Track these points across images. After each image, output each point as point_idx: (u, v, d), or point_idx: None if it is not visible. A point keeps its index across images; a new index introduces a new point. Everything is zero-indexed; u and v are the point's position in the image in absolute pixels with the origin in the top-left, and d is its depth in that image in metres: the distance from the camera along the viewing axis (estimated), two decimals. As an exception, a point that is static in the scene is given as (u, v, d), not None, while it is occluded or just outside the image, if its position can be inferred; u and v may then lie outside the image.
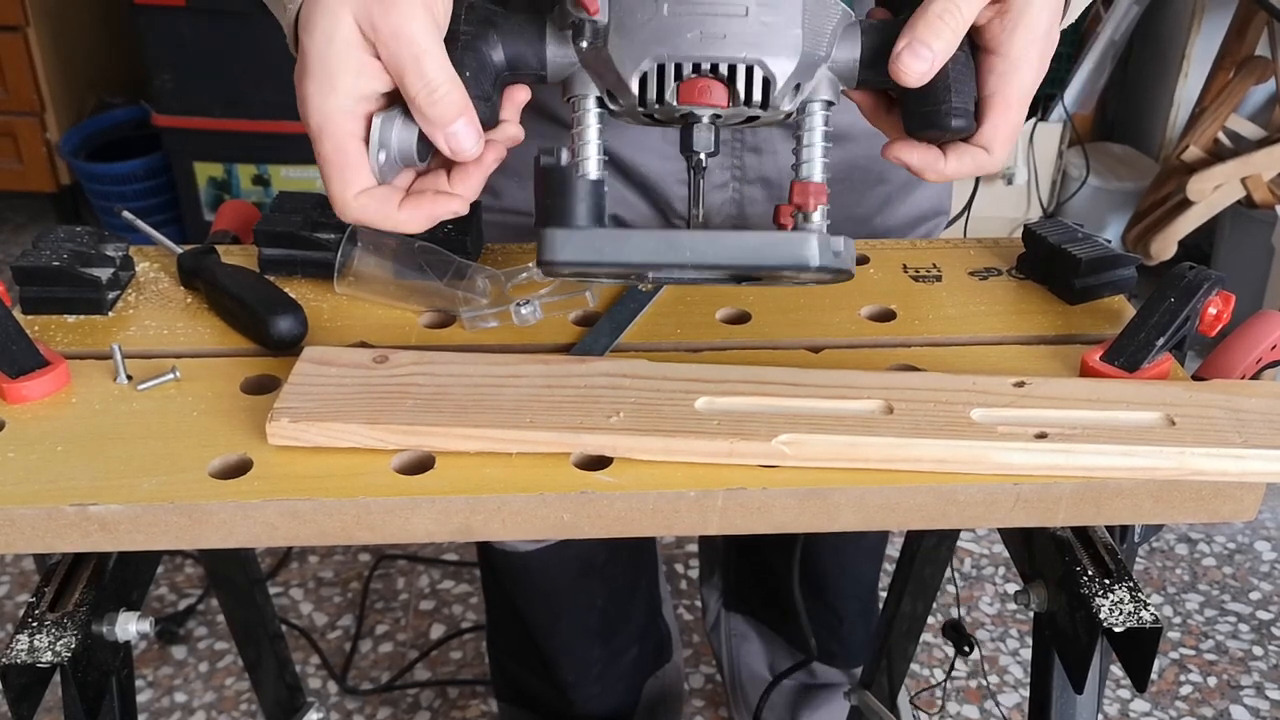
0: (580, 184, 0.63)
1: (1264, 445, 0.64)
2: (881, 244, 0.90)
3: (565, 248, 0.61)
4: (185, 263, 0.82)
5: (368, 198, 0.62)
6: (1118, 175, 2.60)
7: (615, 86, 0.63)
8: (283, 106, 2.37)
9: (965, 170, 0.67)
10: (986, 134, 0.66)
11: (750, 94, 0.62)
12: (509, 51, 0.64)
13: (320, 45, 0.60)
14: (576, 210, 0.62)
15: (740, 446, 0.64)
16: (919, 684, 1.64)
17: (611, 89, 0.64)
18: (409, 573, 1.83)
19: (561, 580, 1.25)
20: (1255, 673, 1.67)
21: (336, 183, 0.62)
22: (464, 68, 0.62)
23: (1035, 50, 0.65)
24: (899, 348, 0.77)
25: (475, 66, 0.63)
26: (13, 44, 2.53)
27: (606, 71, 0.63)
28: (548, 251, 0.61)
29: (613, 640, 1.35)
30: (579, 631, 1.31)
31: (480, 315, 0.77)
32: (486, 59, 0.64)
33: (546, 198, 0.63)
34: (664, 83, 0.62)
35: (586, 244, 0.61)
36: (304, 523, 0.62)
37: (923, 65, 0.63)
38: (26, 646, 0.62)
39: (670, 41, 0.61)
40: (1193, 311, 0.72)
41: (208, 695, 1.62)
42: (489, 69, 0.64)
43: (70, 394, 0.70)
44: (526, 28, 0.65)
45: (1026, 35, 0.65)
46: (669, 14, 0.61)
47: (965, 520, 0.65)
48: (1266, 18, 2.18)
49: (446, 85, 0.60)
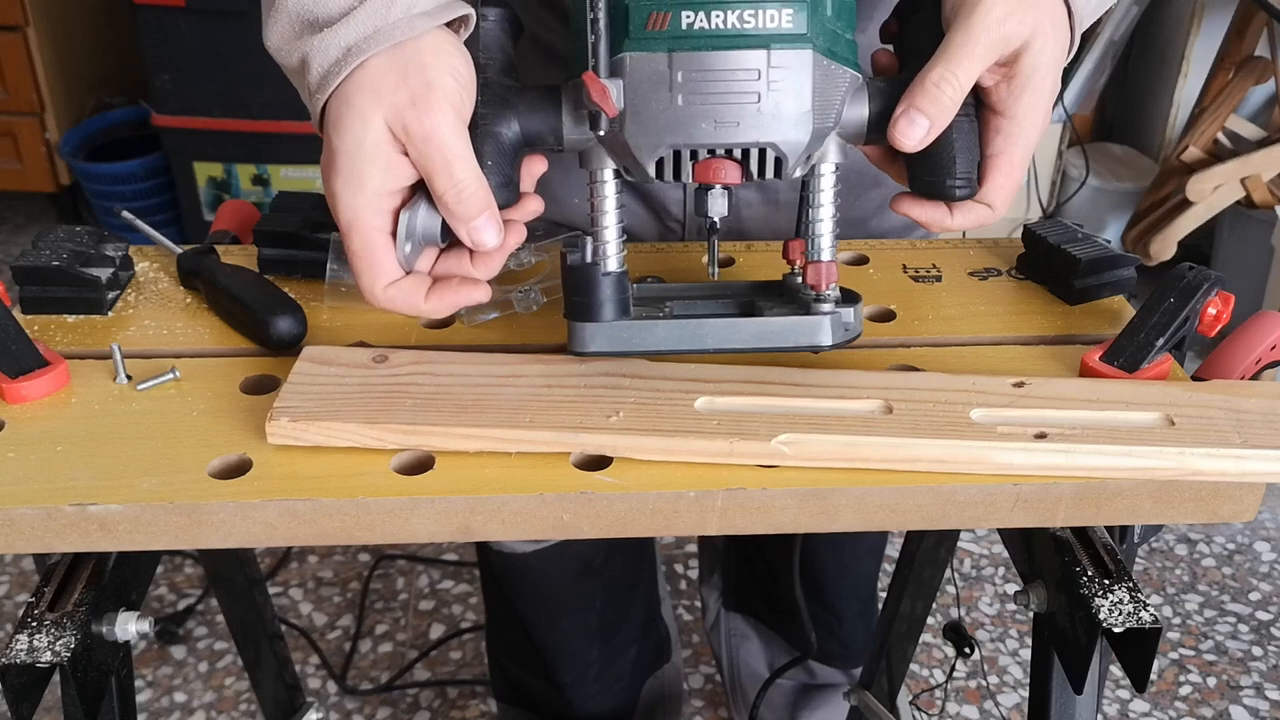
0: (604, 281, 0.66)
1: (1263, 446, 0.64)
2: (881, 244, 0.90)
3: (595, 340, 0.67)
4: (185, 263, 0.82)
5: (395, 290, 0.65)
6: (1117, 176, 2.60)
7: (632, 166, 0.65)
8: (282, 106, 2.37)
9: (969, 224, 0.69)
10: (990, 193, 0.68)
11: (763, 171, 0.64)
12: (526, 130, 0.65)
13: (350, 146, 0.62)
14: (604, 307, 0.67)
15: (740, 446, 0.64)
16: (919, 684, 1.64)
17: (628, 166, 0.66)
18: (408, 573, 1.83)
19: (560, 581, 1.25)
20: (1254, 673, 1.67)
21: (366, 276, 0.65)
22: (484, 157, 0.64)
23: (1040, 110, 0.66)
24: (899, 348, 0.77)
25: (495, 153, 0.65)
26: (13, 44, 2.53)
27: (623, 154, 0.64)
28: (578, 345, 0.67)
29: (611, 641, 1.35)
30: (577, 632, 1.31)
31: (479, 308, 0.77)
32: (505, 143, 0.65)
33: (574, 294, 0.67)
34: (680, 165, 0.64)
35: (614, 336, 0.67)
36: (303, 523, 0.62)
37: (919, 133, 0.64)
38: (26, 646, 0.62)
39: (685, 131, 0.62)
40: (1192, 312, 0.72)
41: (207, 695, 1.62)
42: (507, 152, 0.65)
43: (70, 394, 0.70)
44: (542, 104, 0.65)
45: (1032, 97, 0.65)
46: (683, 104, 0.62)
47: (965, 520, 0.65)
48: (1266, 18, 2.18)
49: (473, 186, 0.63)
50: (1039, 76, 0.64)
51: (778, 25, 0.61)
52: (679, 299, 0.72)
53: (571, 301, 0.67)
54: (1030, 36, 0.63)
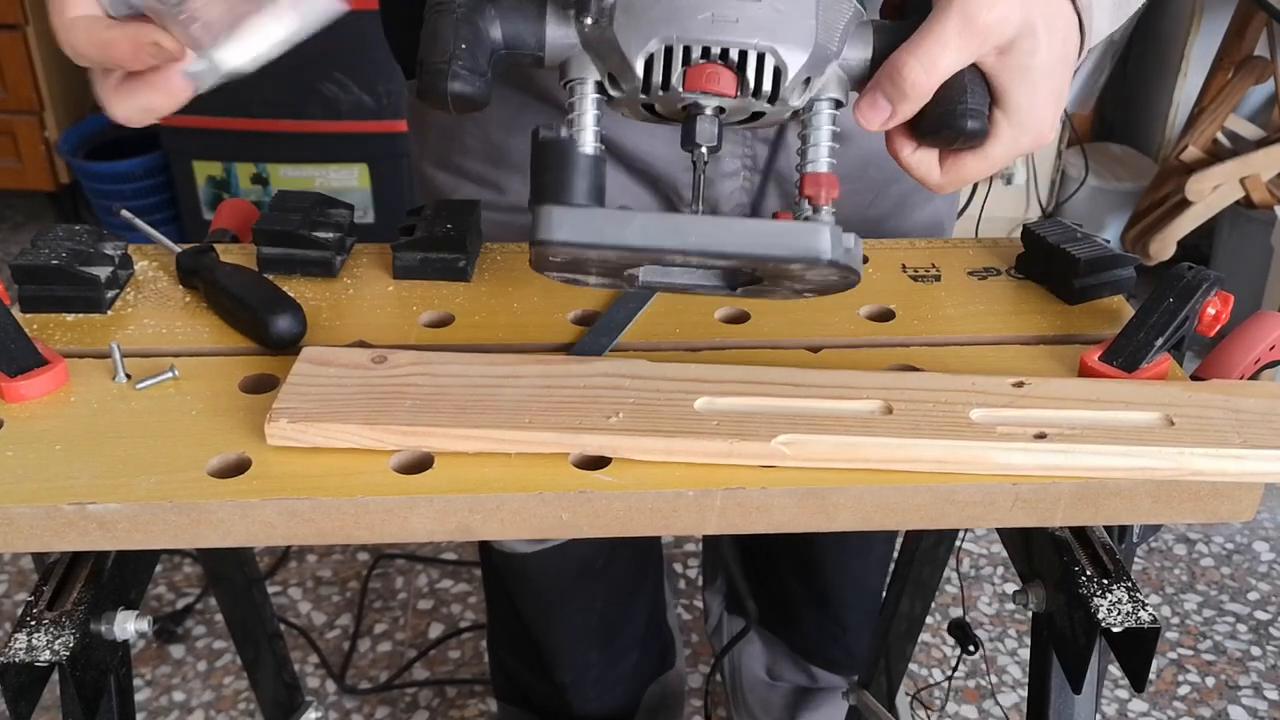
0: (581, 159, 0.59)
1: (1262, 445, 0.64)
2: (880, 244, 0.90)
3: (563, 226, 0.57)
4: (184, 262, 0.82)
5: (80, 20, 0.61)
6: (1117, 175, 2.60)
7: (618, 69, 0.61)
8: (282, 105, 2.37)
9: (952, 183, 0.66)
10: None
11: (760, 84, 0.60)
12: (506, 29, 0.62)
13: None
14: (576, 186, 0.58)
15: (739, 447, 0.64)
16: (918, 684, 1.64)
17: (614, 72, 0.61)
18: (407, 572, 1.83)
19: (560, 582, 1.25)
20: (1253, 673, 1.67)
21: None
22: (459, 39, 0.59)
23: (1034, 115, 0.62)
24: (898, 348, 0.77)
25: (471, 39, 0.60)
26: (12, 43, 2.53)
27: (610, 53, 0.60)
28: (543, 230, 0.57)
29: (612, 644, 1.35)
30: (577, 634, 1.31)
31: None
32: (483, 34, 0.61)
33: (544, 173, 0.59)
34: (671, 66, 0.60)
35: (585, 223, 0.57)
36: (302, 522, 0.62)
37: (880, 116, 0.62)
38: (25, 645, 0.62)
39: (680, 22, 0.58)
40: (1191, 312, 0.72)
41: (206, 694, 1.62)
42: (485, 45, 0.61)
43: (69, 393, 0.70)
44: (525, 4, 0.62)
45: (1024, 99, 0.62)
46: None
47: (964, 520, 0.65)
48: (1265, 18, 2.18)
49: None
50: (1031, 79, 0.61)
51: None
52: None
53: (540, 181, 0.59)
54: (1015, 35, 0.60)
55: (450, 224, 0.84)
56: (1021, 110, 0.62)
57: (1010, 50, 0.60)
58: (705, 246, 0.58)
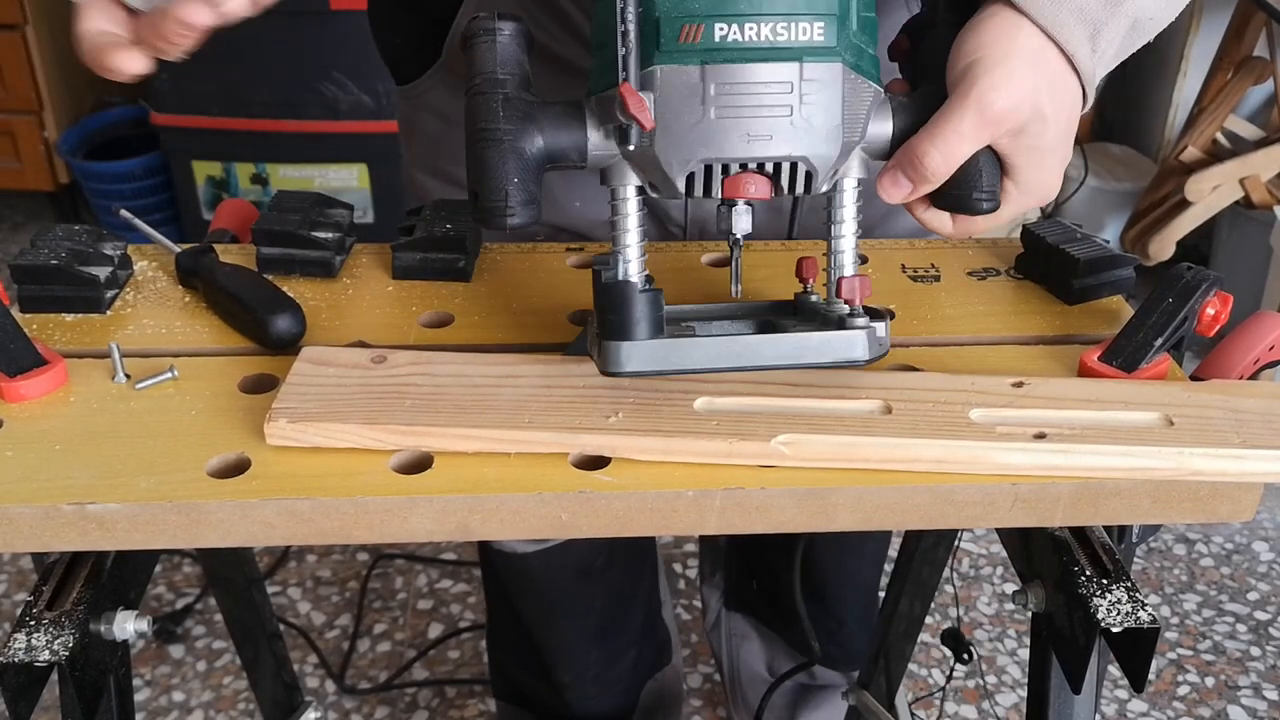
0: (640, 299, 0.64)
1: (1262, 446, 0.64)
2: (880, 244, 0.90)
3: (631, 360, 0.65)
4: (183, 262, 0.82)
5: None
6: (1116, 176, 2.60)
7: (660, 181, 0.64)
8: (281, 105, 2.37)
9: (960, 233, 0.70)
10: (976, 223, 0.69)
11: (794, 186, 0.64)
12: (550, 145, 0.64)
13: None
14: (639, 325, 0.65)
15: (739, 447, 0.64)
16: (918, 684, 1.64)
17: (655, 182, 0.64)
18: (407, 572, 1.83)
19: (560, 582, 1.25)
20: (1253, 673, 1.67)
21: None
22: (510, 174, 0.62)
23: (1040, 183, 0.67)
24: (897, 348, 0.77)
25: (519, 170, 0.62)
26: (11, 43, 2.53)
27: (651, 168, 0.63)
28: (614, 365, 0.65)
29: (611, 643, 1.35)
30: (577, 633, 1.31)
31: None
32: (529, 158, 0.63)
33: (609, 312, 0.65)
34: (711, 180, 0.63)
35: (651, 355, 0.65)
36: (302, 522, 0.62)
37: (901, 193, 0.66)
38: (24, 645, 0.62)
39: (717, 145, 0.61)
40: (1191, 312, 0.72)
41: (205, 694, 1.62)
42: (531, 168, 0.63)
43: (68, 393, 0.70)
44: (567, 121, 0.64)
45: (1031, 174, 0.66)
46: (715, 117, 0.61)
47: (963, 520, 0.65)
48: (1265, 18, 2.18)
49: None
50: (1039, 155, 0.65)
51: (809, 38, 0.60)
52: (699, 319, 0.71)
53: (606, 320, 0.65)
54: (1027, 120, 0.63)
55: (450, 224, 0.84)
56: (1031, 182, 0.66)
57: (1021, 133, 0.64)
58: (759, 363, 0.66)
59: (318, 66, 2.31)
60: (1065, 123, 0.65)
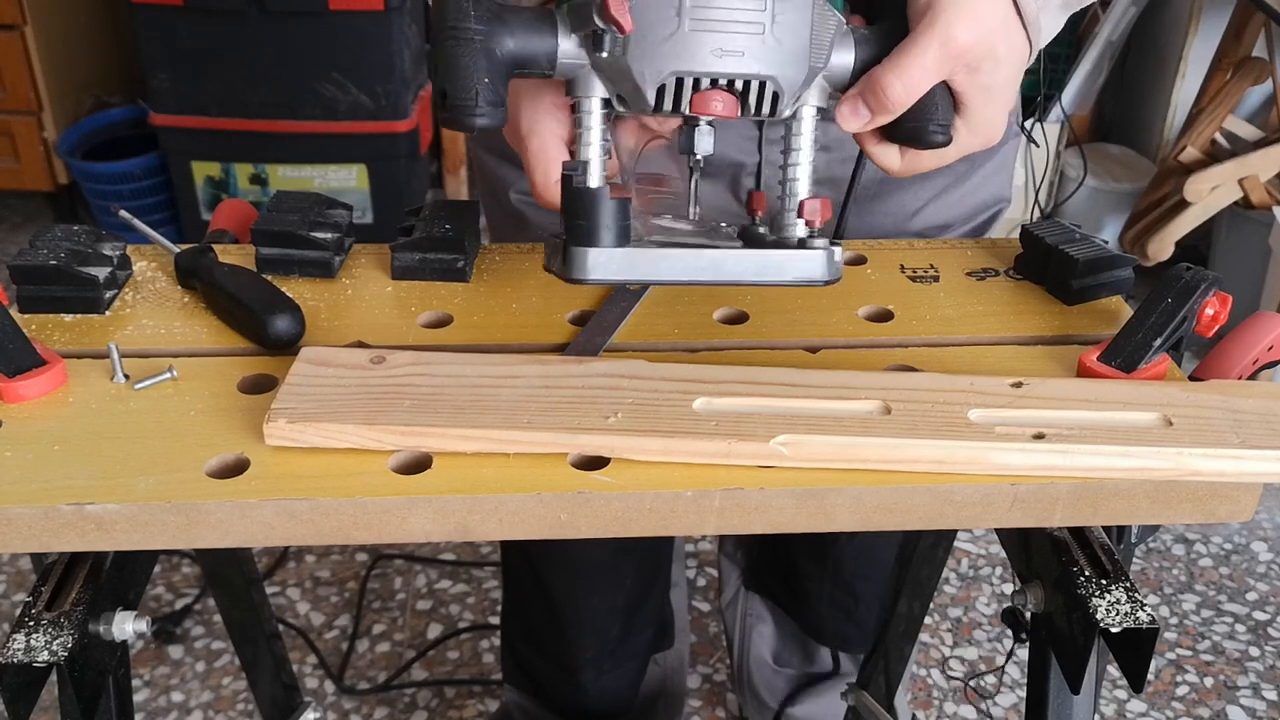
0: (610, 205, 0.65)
1: (1261, 446, 0.64)
2: (879, 244, 0.90)
3: (597, 267, 0.65)
4: (182, 262, 0.82)
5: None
6: (1115, 176, 2.60)
7: (629, 93, 0.64)
8: (280, 106, 2.37)
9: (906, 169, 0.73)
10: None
11: (760, 106, 0.65)
12: (519, 49, 0.64)
13: None
14: (607, 232, 0.65)
15: (738, 447, 0.64)
16: (918, 685, 1.64)
17: (624, 94, 0.65)
18: (406, 572, 1.83)
19: (597, 558, 1.26)
20: (1251, 673, 1.67)
21: (539, 173, 0.69)
22: (481, 72, 0.62)
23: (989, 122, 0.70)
24: (896, 348, 0.77)
25: (491, 71, 0.63)
26: (10, 43, 2.53)
27: (621, 80, 0.64)
28: (579, 271, 0.65)
29: (634, 619, 1.36)
30: (605, 609, 1.32)
31: None
32: (499, 61, 0.63)
33: (576, 218, 0.65)
34: (681, 94, 0.64)
35: (618, 263, 0.65)
36: (301, 522, 0.62)
37: (859, 122, 0.68)
38: (23, 646, 0.62)
39: (690, 57, 0.62)
40: (1190, 312, 0.72)
41: (204, 695, 1.62)
42: (502, 73, 0.63)
43: (67, 393, 0.70)
44: (539, 26, 0.64)
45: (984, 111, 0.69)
46: (689, 29, 0.62)
47: (962, 521, 0.65)
48: (1264, 19, 2.18)
49: None
50: (991, 94, 0.68)
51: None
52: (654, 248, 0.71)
53: (575, 226, 0.65)
54: (983, 57, 0.66)
55: (449, 224, 0.84)
56: (980, 121, 0.70)
57: (977, 70, 0.67)
58: (722, 278, 0.67)
59: (317, 66, 2.31)
60: (1015, 65, 0.69)
